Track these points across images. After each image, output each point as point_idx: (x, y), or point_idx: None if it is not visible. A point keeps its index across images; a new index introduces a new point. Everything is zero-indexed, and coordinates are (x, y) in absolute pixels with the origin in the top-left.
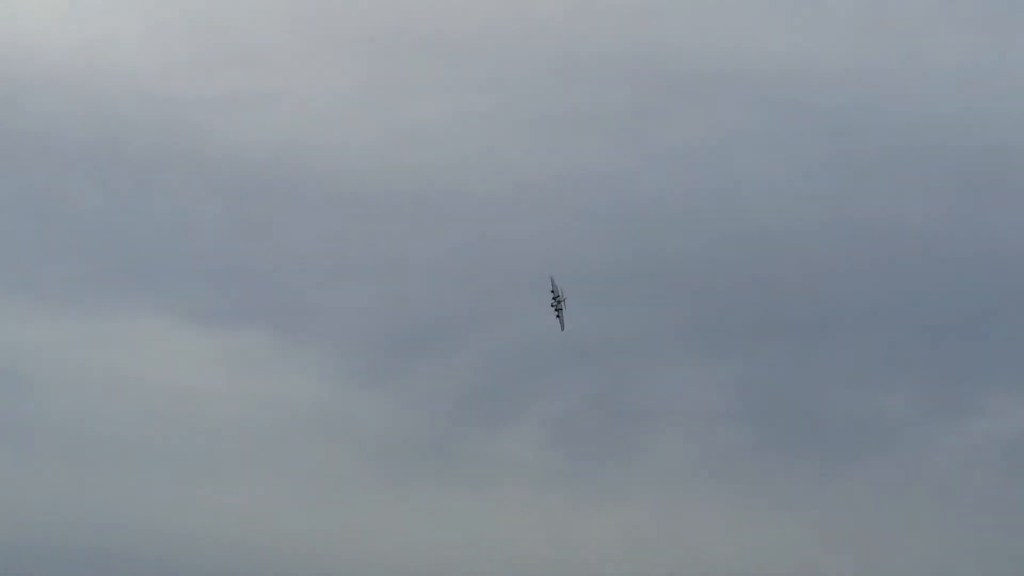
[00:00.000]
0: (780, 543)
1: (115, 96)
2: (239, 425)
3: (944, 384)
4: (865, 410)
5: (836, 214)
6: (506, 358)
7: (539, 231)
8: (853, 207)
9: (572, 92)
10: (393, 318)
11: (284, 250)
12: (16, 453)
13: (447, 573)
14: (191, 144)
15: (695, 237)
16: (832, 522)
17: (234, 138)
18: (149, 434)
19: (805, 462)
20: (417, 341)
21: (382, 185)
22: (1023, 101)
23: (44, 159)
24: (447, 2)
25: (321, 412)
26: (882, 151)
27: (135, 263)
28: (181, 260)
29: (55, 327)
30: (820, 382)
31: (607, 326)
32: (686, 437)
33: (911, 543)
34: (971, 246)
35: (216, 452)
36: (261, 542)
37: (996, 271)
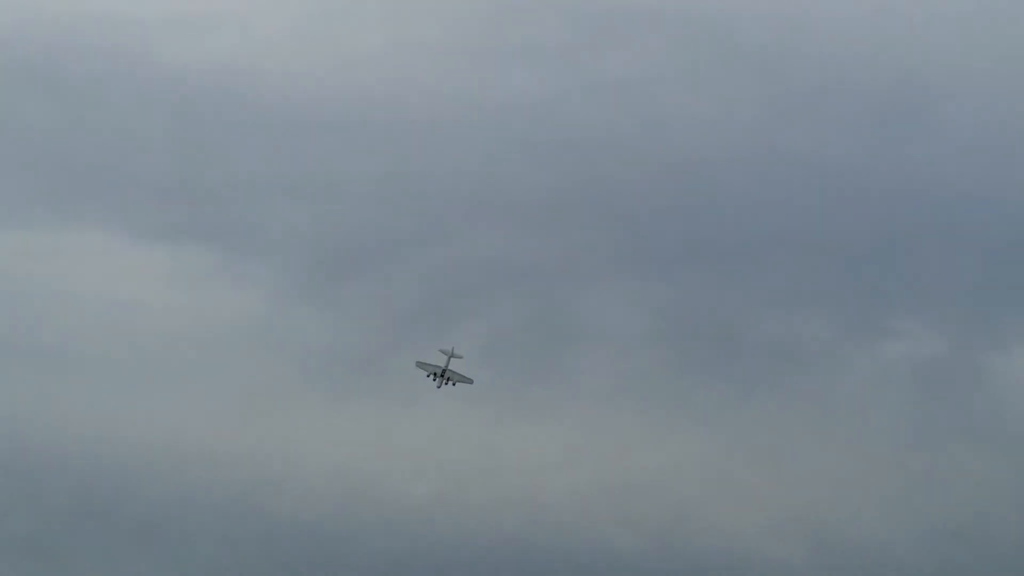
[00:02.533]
0: (700, 457)
1: (64, 16)
2: (182, 337)
3: (858, 308)
4: (782, 333)
5: (758, 146)
6: (441, 278)
7: (475, 157)
8: (774, 140)
9: (510, 26)
10: (333, 238)
11: (228, 170)
12: None
13: (380, 483)
14: (139, 65)
15: (624, 166)
16: (749, 438)
17: (181, 60)
18: (94, 345)
19: (725, 381)
20: (355, 260)
21: (324, 110)
22: (935, 39)
23: None
24: None
25: (261, 326)
26: (802, 87)
27: (82, 180)
28: (127, 177)
29: (3, 238)
30: (740, 306)
31: (538, 250)
32: (613, 357)
33: (824, 458)
34: (886, 177)
35: (159, 363)
36: (201, 449)
37: (909, 202)
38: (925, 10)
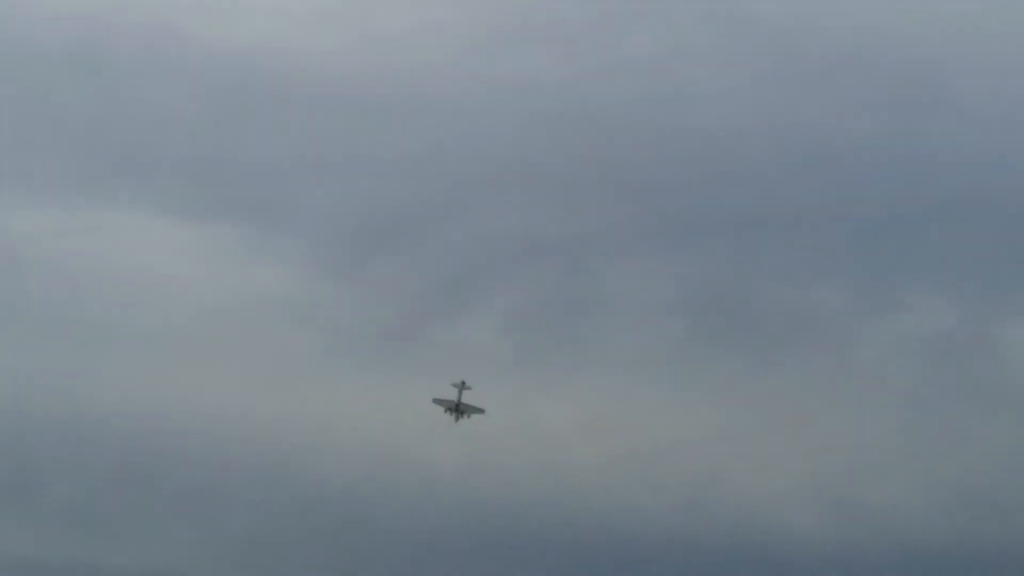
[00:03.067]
0: (721, 424)
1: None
2: (213, 311)
3: (873, 281)
4: (799, 304)
5: (776, 121)
6: (466, 251)
7: (499, 134)
8: (792, 115)
9: (533, 5)
10: (360, 213)
11: (258, 148)
12: (3, 333)
13: (410, 450)
14: (171, 46)
15: (645, 142)
16: (768, 406)
17: (212, 41)
18: (129, 318)
19: (743, 351)
20: (382, 235)
21: (351, 88)
22: (951, 16)
23: (31, 61)
24: None
25: (290, 301)
26: (820, 63)
27: (118, 159)
28: (161, 156)
29: (43, 217)
30: (758, 277)
31: (562, 224)
32: (635, 327)
33: (841, 426)
34: (901, 152)
35: (195, 336)
36: (237, 418)
37: (923, 177)
38: None
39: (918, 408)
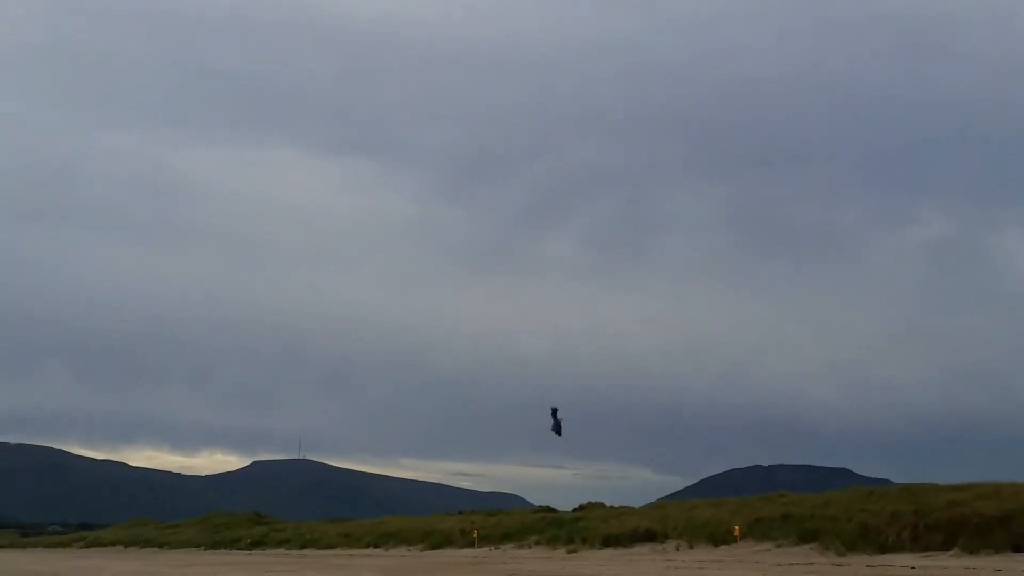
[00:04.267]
0: (757, 319)
1: None
2: (350, 231)
3: (883, 200)
4: (823, 220)
5: (807, 70)
6: (551, 181)
7: (575, 84)
8: (820, 64)
9: None
10: (467, 151)
11: (387, 98)
12: (179, 249)
13: (509, 341)
14: (310, 16)
15: (696, 90)
16: (797, 304)
17: (343, 10)
18: (285, 238)
19: (777, 259)
20: (485, 168)
21: (458, 50)
22: None
23: (197, 30)
24: None
25: (412, 221)
26: (842, 20)
27: (270, 108)
28: (305, 106)
29: (210, 155)
30: (790, 199)
31: (629, 158)
32: (687, 241)
33: (857, 319)
34: (910, 94)
35: (336, 251)
36: (366, 318)
37: (928, 114)
38: None
39: (920, 303)
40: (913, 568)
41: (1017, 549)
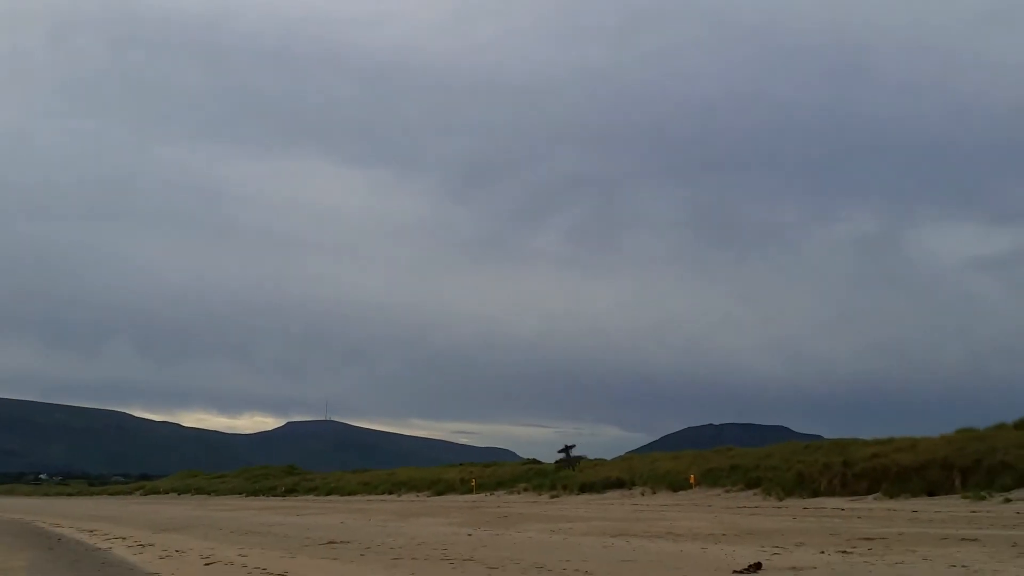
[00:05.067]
0: (711, 302)
1: (287, 15)
2: (371, 229)
3: (818, 201)
4: (765, 217)
5: (753, 92)
6: (539, 186)
7: (560, 106)
8: (765, 86)
9: (575, 9)
10: (469, 161)
11: (400, 117)
12: (224, 245)
13: (503, 321)
14: (338, 47)
15: (659, 108)
16: (743, 289)
17: (366, 44)
18: (310, 235)
19: (728, 252)
20: (483, 175)
21: (459, 77)
22: (874, 14)
23: (242, 58)
24: None
25: (423, 220)
26: (781, 52)
27: (304, 126)
28: (334, 124)
29: (254, 166)
30: (739, 201)
31: (603, 166)
32: (652, 237)
33: (793, 302)
34: (836, 112)
35: (357, 246)
36: (383, 302)
37: (853, 127)
38: None
39: (847, 288)
40: (842, 510)
41: (931, 494)
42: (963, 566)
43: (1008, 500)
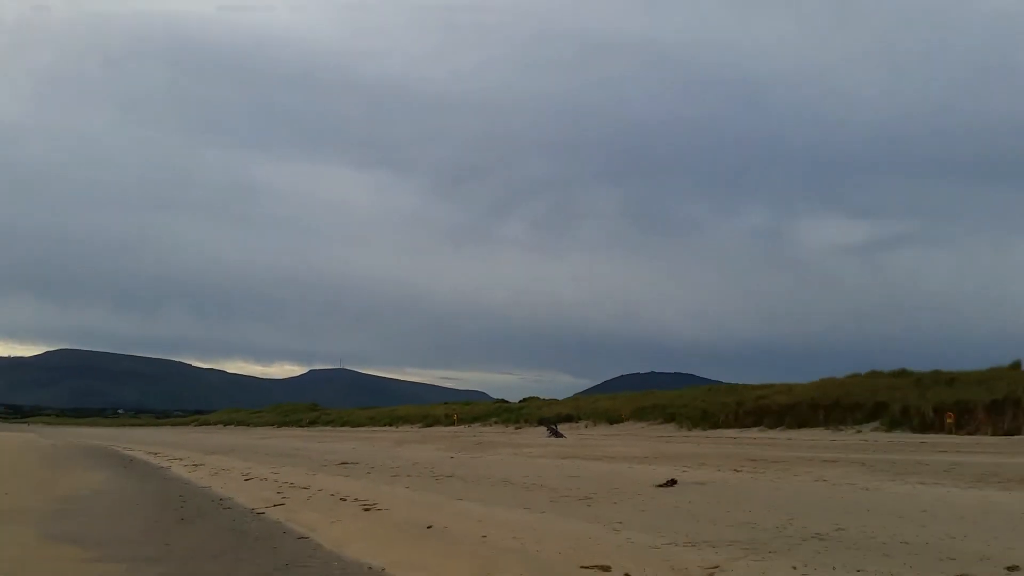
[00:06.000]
0: (642, 277)
1: (311, 48)
2: (374, 221)
3: (724, 199)
4: (686, 212)
5: (678, 113)
6: (507, 185)
7: (526, 122)
8: (687, 108)
9: (531, 40)
10: (453, 163)
11: (399, 130)
12: (258, 230)
13: (478, 293)
14: (350, 75)
15: (605, 125)
16: (671, 269)
17: (372, 71)
18: (325, 224)
19: (656, 238)
20: (464, 175)
21: (446, 97)
22: (768, 46)
23: (266, 79)
24: None
25: (416, 213)
26: (702, 80)
27: (322, 136)
28: (346, 135)
29: (281, 168)
30: (665, 198)
31: (559, 171)
32: (598, 226)
33: (704, 278)
34: (742, 129)
35: (363, 235)
36: (383, 279)
37: (753, 142)
38: (769, 27)
39: (744, 268)
40: (734, 438)
41: (801, 426)
42: (824, 480)
43: (859, 431)
